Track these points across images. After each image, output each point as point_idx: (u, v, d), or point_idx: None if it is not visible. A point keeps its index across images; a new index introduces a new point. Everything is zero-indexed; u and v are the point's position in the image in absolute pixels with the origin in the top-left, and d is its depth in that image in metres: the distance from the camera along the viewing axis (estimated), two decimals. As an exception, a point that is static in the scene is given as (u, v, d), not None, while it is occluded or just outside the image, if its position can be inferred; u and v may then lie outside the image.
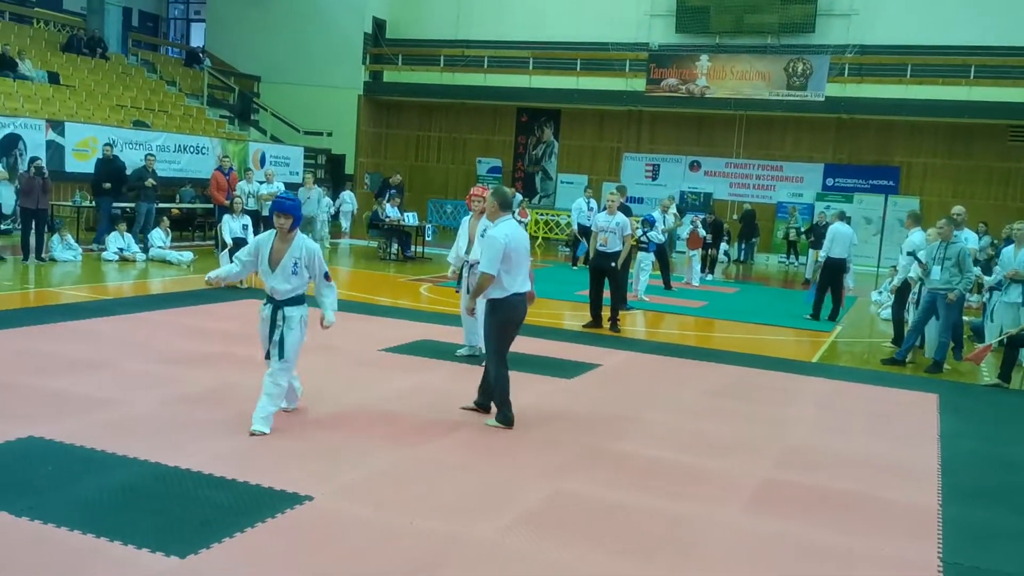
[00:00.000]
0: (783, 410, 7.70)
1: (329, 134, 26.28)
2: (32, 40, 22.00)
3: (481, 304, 6.85)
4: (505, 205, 6.58)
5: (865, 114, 22.70)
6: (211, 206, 17.38)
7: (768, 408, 7.70)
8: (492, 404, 6.58)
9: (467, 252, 8.58)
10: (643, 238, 14.11)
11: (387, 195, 20.10)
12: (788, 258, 22.58)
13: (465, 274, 8.57)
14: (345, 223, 22.52)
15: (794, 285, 18.44)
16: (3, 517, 4.32)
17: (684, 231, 17.39)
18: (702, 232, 16.81)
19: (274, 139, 25.43)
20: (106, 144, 16.65)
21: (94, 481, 4.78)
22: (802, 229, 21.70)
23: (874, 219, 22.91)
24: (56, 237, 14.38)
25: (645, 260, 14.17)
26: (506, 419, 6.43)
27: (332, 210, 21.32)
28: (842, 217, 13.58)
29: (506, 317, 6.43)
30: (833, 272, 12.89)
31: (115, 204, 16.22)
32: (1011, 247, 9.76)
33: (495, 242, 6.23)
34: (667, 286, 15.17)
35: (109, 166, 15.96)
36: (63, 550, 4.04)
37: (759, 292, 16.77)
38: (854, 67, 22.75)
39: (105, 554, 4.03)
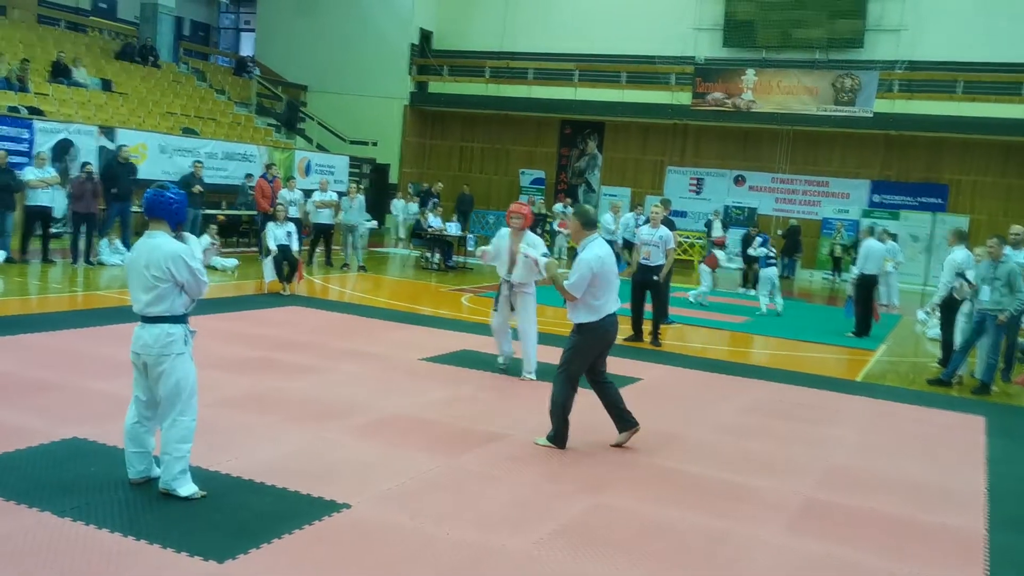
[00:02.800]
0: (826, 429, 7.58)
1: (374, 143, 26.52)
2: (87, 48, 22.52)
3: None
4: (589, 224, 6.35)
5: (914, 131, 22.36)
6: (255, 213, 17.61)
7: (810, 427, 7.58)
8: (619, 420, 6.41)
9: (509, 272, 8.32)
10: (772, 256, 15.10)
11: (430, 203, 20.24)
12: (833, 274, 22.26)
13: (506, 292, 8.40)
14: (403, 231, 22.83)
15: (837, 302, 18.15)
16: (47, 517, 4.39)
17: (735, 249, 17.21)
18: (719, 253, 16.38)
19: (320, 148, 25.73)
20: (121, 146, 16.02)
21: (129, 484, 4.84)
22: (848, 246, 21.39)
23: (921, 237, 22.54)
24: (104, 241, 14.66)
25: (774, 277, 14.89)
26: (558, 438, 6.25)
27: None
28: (873, 232, 13.45)
29: (593, 341, 6.25)
30: (868, 288, 12.78)
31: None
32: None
33: (585, 267, 6.04)
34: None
35: (121, 170, 15.06)
36: (104, 552, 4.09)
37: (802, 308, 16.54)
38: (903, 83, 22.43)
39: (145, 557, 4.07)
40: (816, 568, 4.60)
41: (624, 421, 6.39)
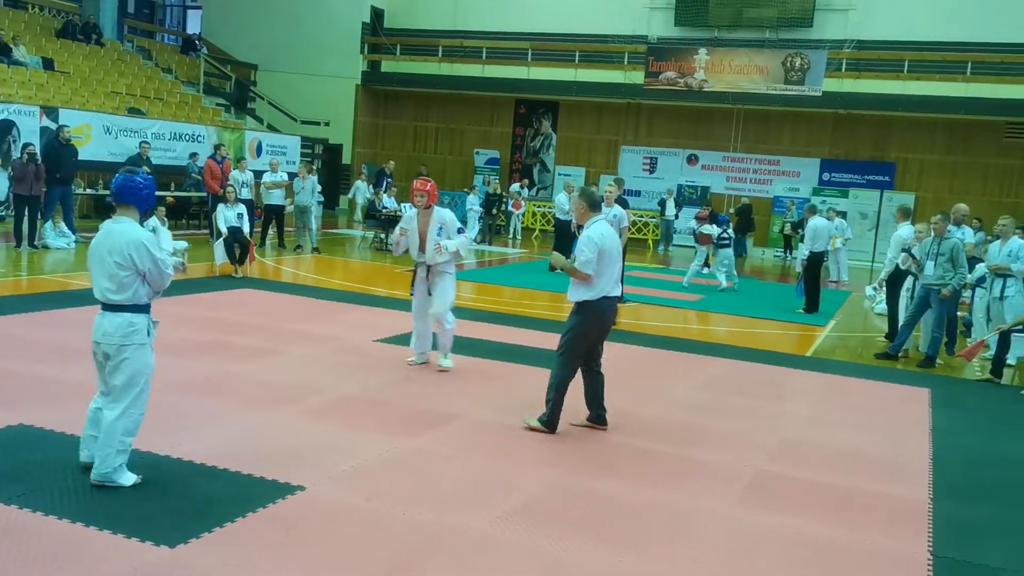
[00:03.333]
0: (777, 404, 7.71)
1: (326, 124, 26.20)
2: (27, 25, 21.89)
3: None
4: (594, 206, 6.27)
5: (862, 109, 22.70)
6: (205, 194, 17.32)
7: (762, 402, 7.70)
8: (594, 410, 6.39)
9: (421, 251, 7.77)
10: (725, 235, 15.31)
11: (384, 184, 20.05)
12: (784, 253, 22.59)
13: (422, 275, 7.85)
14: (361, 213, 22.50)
15: (789, 279, 18.44)
16: (-7, 504, 4.31)
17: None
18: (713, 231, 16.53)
19: (271, 128, 25.35)
20: (62, 126, 15.50)
21: (83, 470, 4.76)
22: (796, 223, 21.69)
23: (869, 214, 22.95)
24: (49, 224, 14.32)
25: (726, 258, 15.34)
26: (551, 422, 6.15)
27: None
28: (816, 211, 13.82)
29: (593, 321, 6.13)
30: (815, 265, 13.07)
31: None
32: (997, 242, 9.80)
33: (590, 242, 5.97)
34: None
35: (62, 151, 14.72)
36: (53, 539, 4.02)
37: (754, 286, 16.77)
38: (851, 62, 22.73)
39: (96, 543, 4.01)
40: (767, 540, 4.69)
41: (597, 415, 6.39)
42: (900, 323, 10.51)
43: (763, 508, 5.14)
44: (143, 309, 4.67)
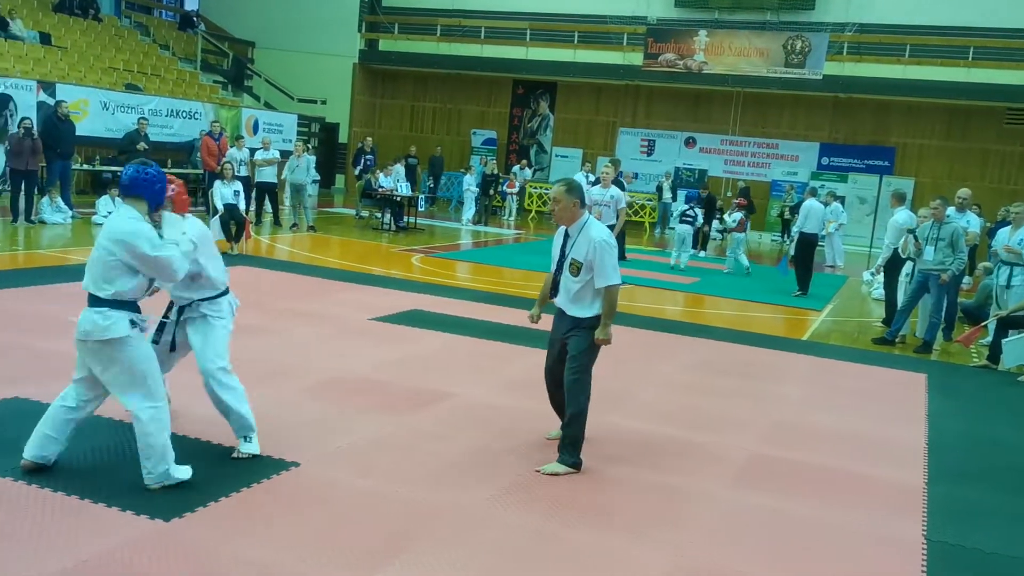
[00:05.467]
0: (772, 386, 7.71)
1: (323, 102, 26.08)
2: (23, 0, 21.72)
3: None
4: (584, 202, 5.29)
5: (862, 93, 22.62)
6: (202, 171, 17.24)
7: (757, 384, 7.71)
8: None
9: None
10: (689, 212, 15.39)
11: (363, 161, 19.77)
12: (782, 236, 22.56)
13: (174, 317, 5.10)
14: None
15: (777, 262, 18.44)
16: (-13, 477, 4.30)
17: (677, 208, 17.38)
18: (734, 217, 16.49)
19: (268, 106, 25.22)
20: (59, 101, 15.43)
21: (79, 443, 4.74)
22: (793, 207, 21.64)
23: (868, 199, 22.91)
24: (45, 199, 14.26)
25: (688, 234, 15.31)
26: (575, 462, 5.14)
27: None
28: (815, 194, 13.92)
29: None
30: (808, 246, 13.03)
31: (107, 169, 15.98)
32: (1006, 228, 9.75)
33: (611, 248, 5.10)
34: None
35: (61, 127, 14.73)
36: (47, 510, 4.02)
37: (751, 269, 16.74)
38: (853, 46, 22.63)
39: (91, 516, 4.01)
40: (760, 521, 4.70)
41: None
42: (898, 308, 10.51)
43: (756, 490, 5.14)
44: (126, 306, 4.29)
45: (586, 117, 25.80)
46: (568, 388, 5.16)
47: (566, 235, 5.25)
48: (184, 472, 4.38)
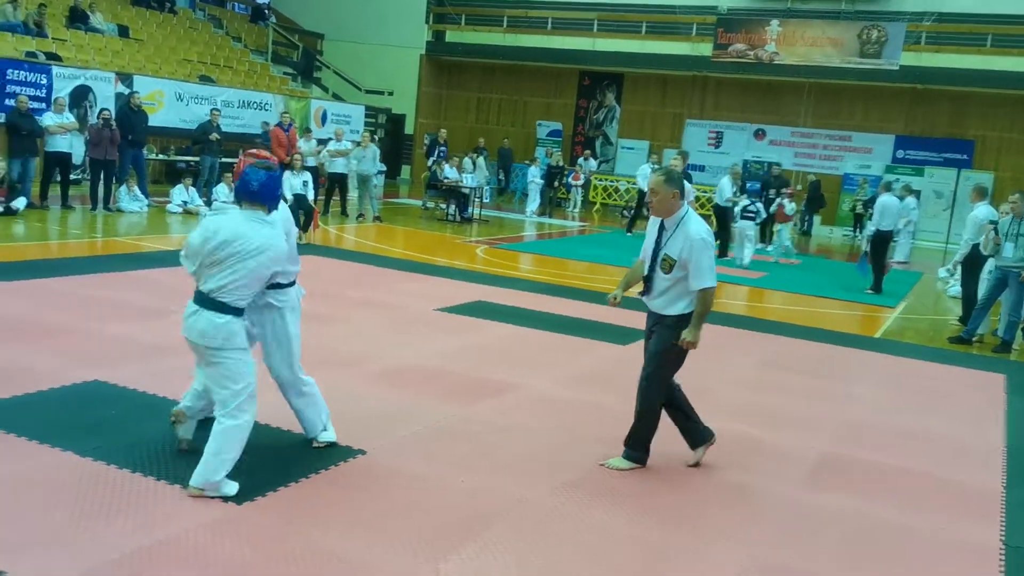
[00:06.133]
0: (843, 385, 7.55)
1: (390, 93, 26.29)
2: (103, -7, 22.31)
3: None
4: (684, 192, 4.94)
5: (941, 84, 21.93)
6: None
7: (828, 382, 7.55)
8: (696, 437, 5.21)
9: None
10: (751, 208, 14.90)
11: (436, 153, 19.97)
12: (854, 231, 22.04)
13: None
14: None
15: (858, 259, 18.02)
16: (70, 456, 4.44)
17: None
18: (789, 208, 16.23)
19: (336, 97, 25.53)
20: (132, 92, 15.90)
21: (156, 426, 4.88)
22: (866, 201, 21.10)
23: (945, 193, 22.24)
24: (123, 188, 14.67)
25: (749, 229, 14.74)
26: (639, 457, 5.05)
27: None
28: (890, 188, 13.38)
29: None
30: (883, 244, 12.71)
31: (181, 159, 16.36)
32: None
33: (709, 247, 4.79)
34: None
35: (134, 117, 15.00)
36: (125, 490, 4.13)
37: (821, 265, 16.43)
38: (931, 35, 21.92)
39: (165, 497, 4.11)
40: (830, 522, 4.60)
41: (693, 436, 5.27)
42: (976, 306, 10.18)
43: (827, 490, 5.03)
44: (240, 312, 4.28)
45: (652, 109, 25.53)
46: (640, 385, 5.02)
47: (661, 227, 4.90)
48: (232, 487, 4.19)
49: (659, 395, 4.99)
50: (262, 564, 3.59)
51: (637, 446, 5.02)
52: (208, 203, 15.49)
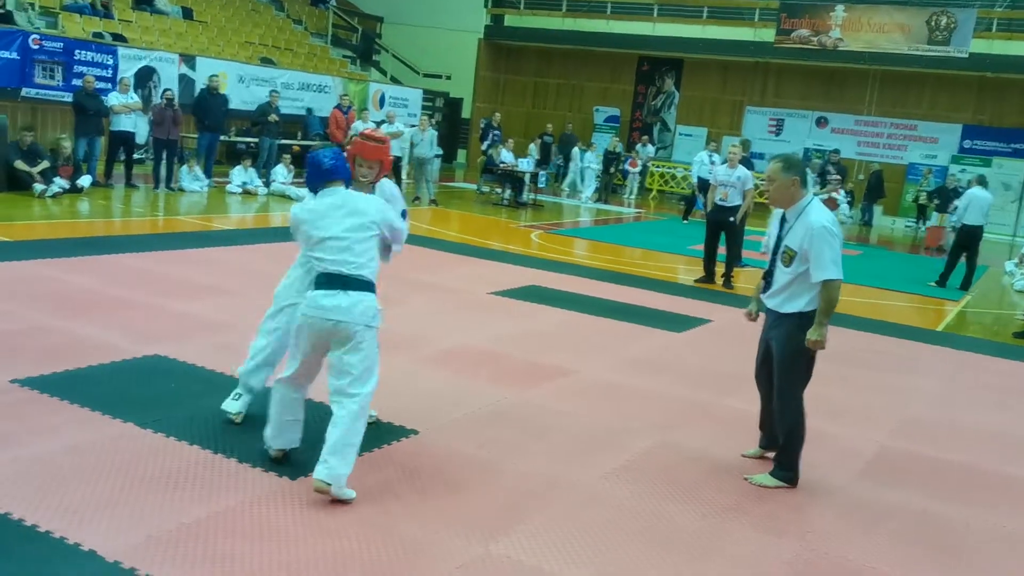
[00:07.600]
0: (903, 378, 7.38)
1: (448, 77, 26.33)
2: (168, -24, 22.68)
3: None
4: (805, 181, 4.69)
5: (1012, 73, 21.22)
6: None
7: (887, 375, 7.39)
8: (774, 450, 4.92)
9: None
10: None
11: (491, 136, 19.95)
12: (917, 222, 21.52)
13: None
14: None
15: (919, 251, 17.61)
16: (130, 428, 4.54)
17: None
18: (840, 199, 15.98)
19: (394, 80, 25.66)
20: (212, 76, 16.06)
21: (213, 401, 4.96)
22: (931, 192, 20.55)
23: (1014, 185, 21.58)
24: (184, 168, 14.94)
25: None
26: (787, 477, 4.73)
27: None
28: (981, 182, 12.85)
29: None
30: (968, 239, 12.30)
31: (241, 140, 16.59)
32: None
33: (832, 236, 4.51)
34: None
35: (212, 101, 15.36)
36: (183, 462, 4.22)
37: (883, 256, 16.08)
38: (1003, 22, 21.23)
39: (223, 468, 4.19)
40: (889, 516, 4.50)
41: (769, 438, 5.05)
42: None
43: (885, 484, 4.93)
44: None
45: (712, 95, 25.17)
46: (775, 404, 4.76)
47: (783, 219, 4.69)
48: (352, 494, 4.01)
49: (797, 412, 4.69)
50: (314, 537, 3.65)
51: (786, 465, 4.74)
52: (267, 184, 15.70)
